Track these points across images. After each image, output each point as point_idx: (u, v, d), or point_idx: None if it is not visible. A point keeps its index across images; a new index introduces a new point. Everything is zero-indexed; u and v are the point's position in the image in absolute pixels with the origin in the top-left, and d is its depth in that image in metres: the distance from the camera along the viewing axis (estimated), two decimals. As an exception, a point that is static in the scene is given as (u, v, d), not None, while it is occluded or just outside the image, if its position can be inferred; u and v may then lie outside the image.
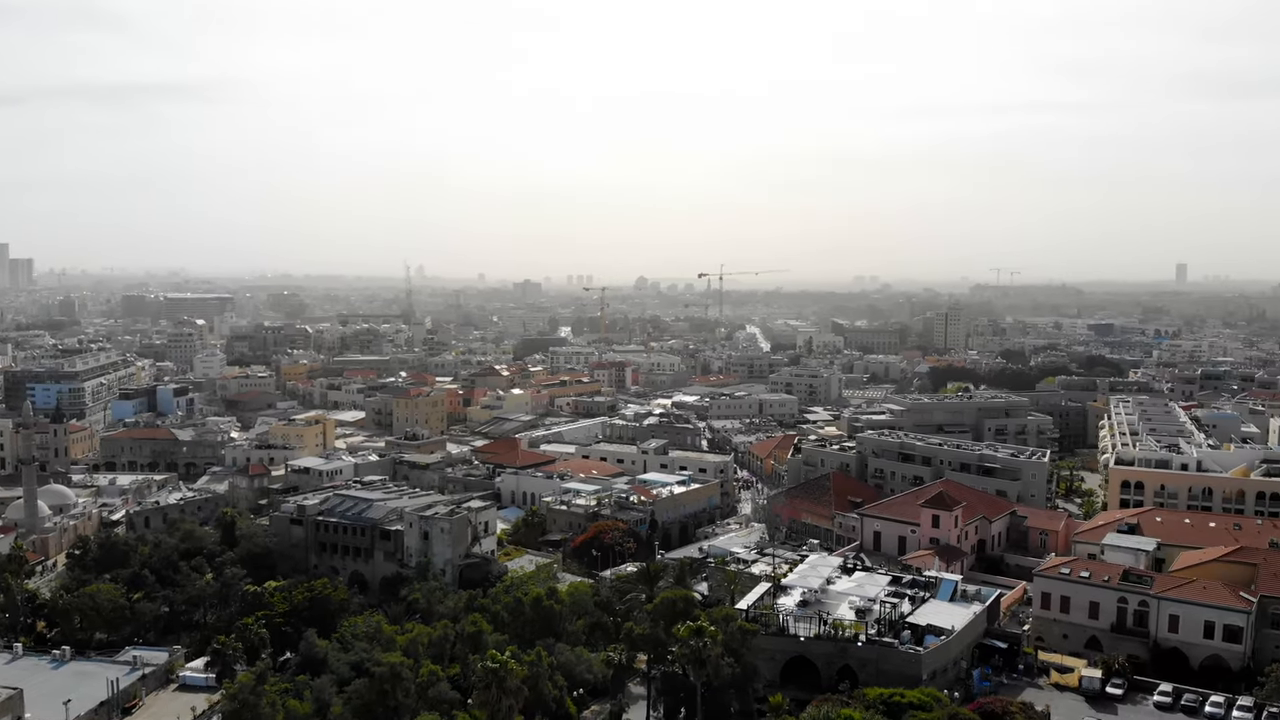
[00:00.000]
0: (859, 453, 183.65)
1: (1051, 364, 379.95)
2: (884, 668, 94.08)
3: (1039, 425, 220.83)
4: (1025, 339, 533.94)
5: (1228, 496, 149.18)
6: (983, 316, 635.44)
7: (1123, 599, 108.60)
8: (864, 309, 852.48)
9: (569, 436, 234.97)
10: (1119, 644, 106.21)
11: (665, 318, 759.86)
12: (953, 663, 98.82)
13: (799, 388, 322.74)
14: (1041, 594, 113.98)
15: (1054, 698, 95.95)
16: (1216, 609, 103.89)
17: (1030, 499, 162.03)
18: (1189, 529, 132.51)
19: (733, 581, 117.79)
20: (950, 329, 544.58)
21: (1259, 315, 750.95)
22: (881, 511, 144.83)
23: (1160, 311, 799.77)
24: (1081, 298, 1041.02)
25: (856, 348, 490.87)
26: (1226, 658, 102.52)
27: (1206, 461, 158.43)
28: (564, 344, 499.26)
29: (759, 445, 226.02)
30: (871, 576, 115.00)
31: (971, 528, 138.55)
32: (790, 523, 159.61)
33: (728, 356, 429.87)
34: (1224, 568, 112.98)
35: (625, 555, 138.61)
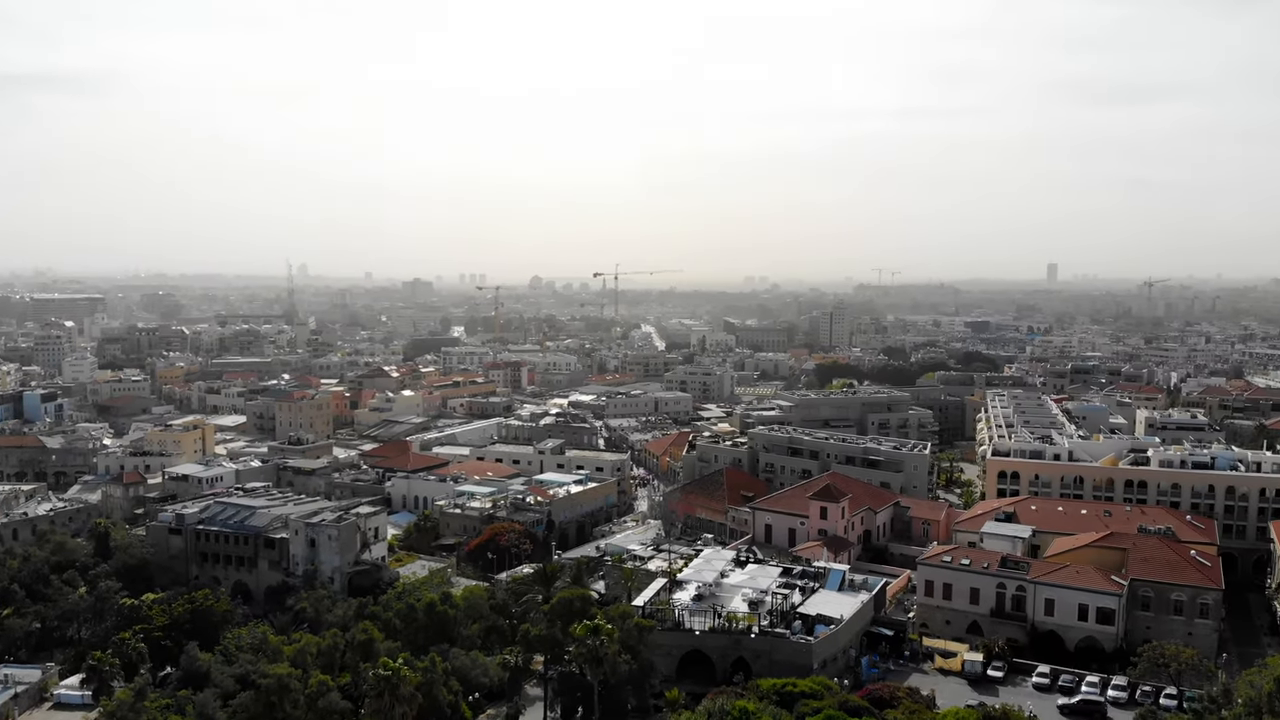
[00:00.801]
0: (751, 448, 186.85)
1: (931, 360, 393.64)
2: (776, 658, 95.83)
3: (920, 419, 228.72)
4: (906, 336, 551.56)
5: (1098, 485, 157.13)
6: (866, 315, 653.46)
7: (1001, 585, 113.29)
8: (754, 308, 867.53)
9: (463, 438, 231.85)
10: (999, 628, 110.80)
11: (561, 317, 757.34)
12: (842, 651, 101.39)
13: (693, 386, 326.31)
14: (925, 582, 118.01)
15: (939, 682, 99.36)
16: (1090, 592, 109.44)
17: (913, 490, 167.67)
18: (1062, 516, 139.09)
19: (629, 579, 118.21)
20: (835, 327, 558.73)
21: (1125, 312, 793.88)
22: (772, 505, 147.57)
23: (1033, 309, 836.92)
24: (959, 296, 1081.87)
25: (747, 346, 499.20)
26: (1100, 639, 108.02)
27: (1077, 452, 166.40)
28: (457, 344, 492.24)
29: (655, 443, 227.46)
30: (764, 569, 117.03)
31: (858, 519, 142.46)
32: (686, 518, 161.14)
33: (624, 355, 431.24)
34: (1096, 553, 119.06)
35: (522, 557, 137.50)
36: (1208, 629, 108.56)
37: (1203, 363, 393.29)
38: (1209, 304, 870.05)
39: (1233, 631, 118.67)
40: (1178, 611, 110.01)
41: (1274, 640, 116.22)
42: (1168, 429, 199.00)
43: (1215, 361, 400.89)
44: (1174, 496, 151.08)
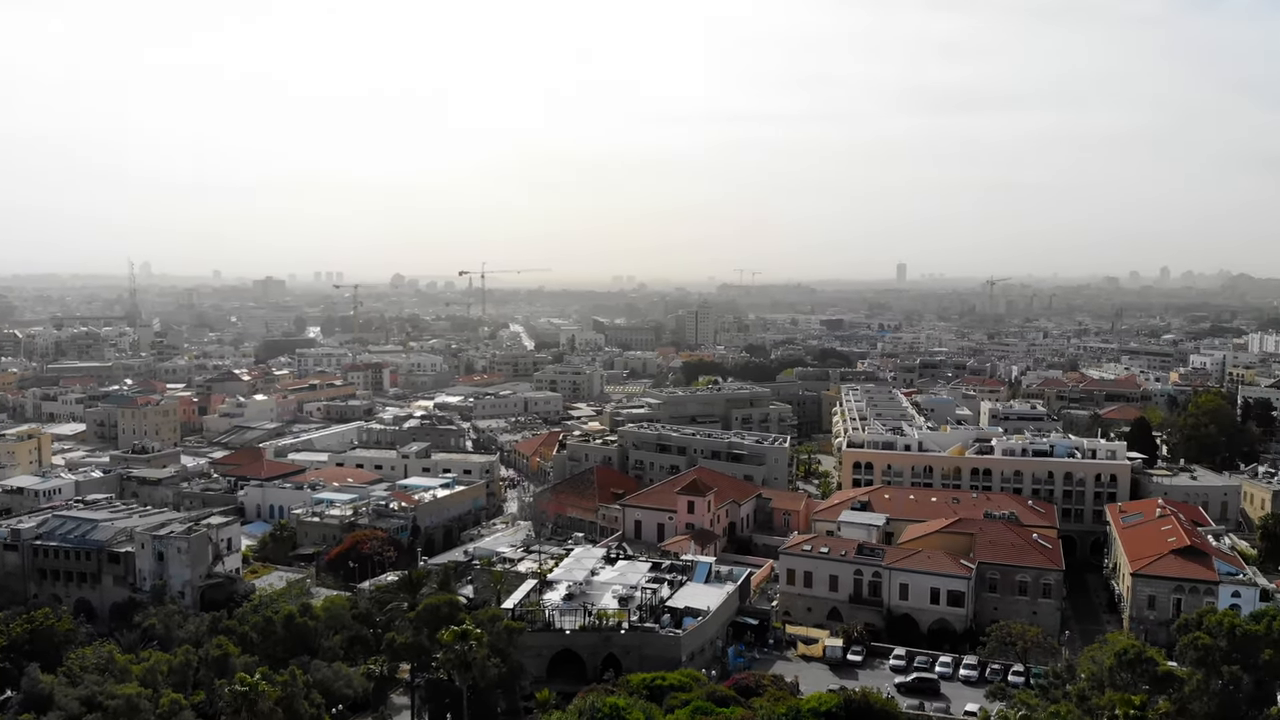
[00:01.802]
0: (620, 446, 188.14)
1: (790, 357, 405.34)
2: (646, 653, 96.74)
3: (780, 413, 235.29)
4: (766, 334, 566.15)
5: (946, 473, 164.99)
6: (729, 314, 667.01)
7: (859, 571, 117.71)
8: (623, 307, 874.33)
9: (321, 444, 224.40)
10: (857, 613, 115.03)
11: (425, 316, 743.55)
12: (709, 642, 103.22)
13: (563, 385, 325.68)
14: (787, 570, 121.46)
15: (801, 668, 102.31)
16: (941, 576, 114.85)
17: (774, 482, 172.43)
18: (914, 504, 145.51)
19: (499, 582, 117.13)
20: (700, 326, 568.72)
21: (969, 310, 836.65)
22: (641, 501, 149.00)
23: (884, 307, 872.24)
24: (815, 296, 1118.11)
25: (616, 345, 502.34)
26: (952, 621, 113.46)
27: (927, 442, 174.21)
28: (313, 345, 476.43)
29: (525, 443, 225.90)
30: (633, 564, 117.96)
31: (723, 511, 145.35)
32: (557, 518, 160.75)
33: (492, 355, 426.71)
34: (945, 538, 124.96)
35: (386, 565, 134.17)
36: (1051, 608, 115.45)
37: (1041, 356, 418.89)
38: (1046, 301, 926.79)
39: (1074, 610, 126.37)
40: (1022, 592, 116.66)
41: (1112, 617, 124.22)
42: (1010, 419, 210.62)
43: (1052, 355, 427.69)
44: (1016, 483, 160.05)
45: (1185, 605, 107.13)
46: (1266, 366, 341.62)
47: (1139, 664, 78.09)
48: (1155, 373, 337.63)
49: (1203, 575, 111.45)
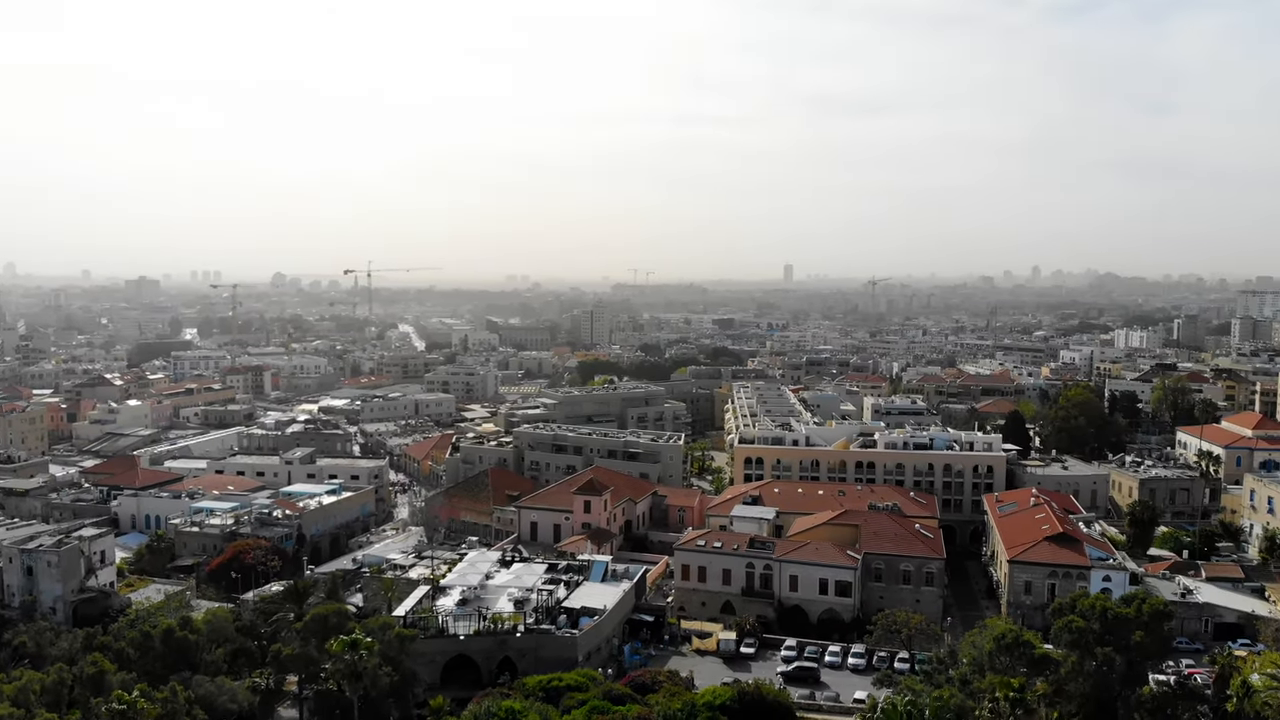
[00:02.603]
0: (516, 447, 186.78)
1: (683, 356, 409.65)
2: (542, 655, 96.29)
3: (674, 411, 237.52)
4: (660, 334, 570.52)
5: (832, 467, 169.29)
6: (624, 314, 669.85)
7: (750, 564, 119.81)
8: (517, 307, 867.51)
9: (199, 450, 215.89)
10: (749, 606, 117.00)
11: (308, 317, 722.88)
12: (606, 641, 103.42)
13: (456, 386, 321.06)
14: (681, 566, 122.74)
15: (696, 662, 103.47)
16: (829, 567, 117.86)
17: (670, 479, 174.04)
18: (802, 497, 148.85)
19: (390, 589, 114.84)
20: (595, 325, 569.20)
21: (853, 309, 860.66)
22: (537, 502, 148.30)
23: (772, 307, 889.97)
24: (707, 296, 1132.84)
25: (511, 345, 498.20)
26: (840, 610, 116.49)
27: (814, 437, 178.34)
28: (190, 348, 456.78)
29: (416, 447, 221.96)
30: (529, 566, 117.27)
31: (619, 510, 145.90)
32: (450, 522, 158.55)
33: (380, 357, 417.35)
34: (832, 530, 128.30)
35: (270, 575, 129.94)
36: (933, 595, 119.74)
37: (920, 354, 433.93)
38: (925, 301, 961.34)
39: (955, 596, 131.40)
40: (906, 581, 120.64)
41: (991, 603, 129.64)
42: (891, 414, 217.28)
43: (931, 352, 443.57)
44: (899, 475, 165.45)
45: (1059, 590, 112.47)
46: (1131, 361, 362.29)
47: (1017, 647, 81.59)
48: (1028, 368, 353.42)
49: (1075, 561, 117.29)
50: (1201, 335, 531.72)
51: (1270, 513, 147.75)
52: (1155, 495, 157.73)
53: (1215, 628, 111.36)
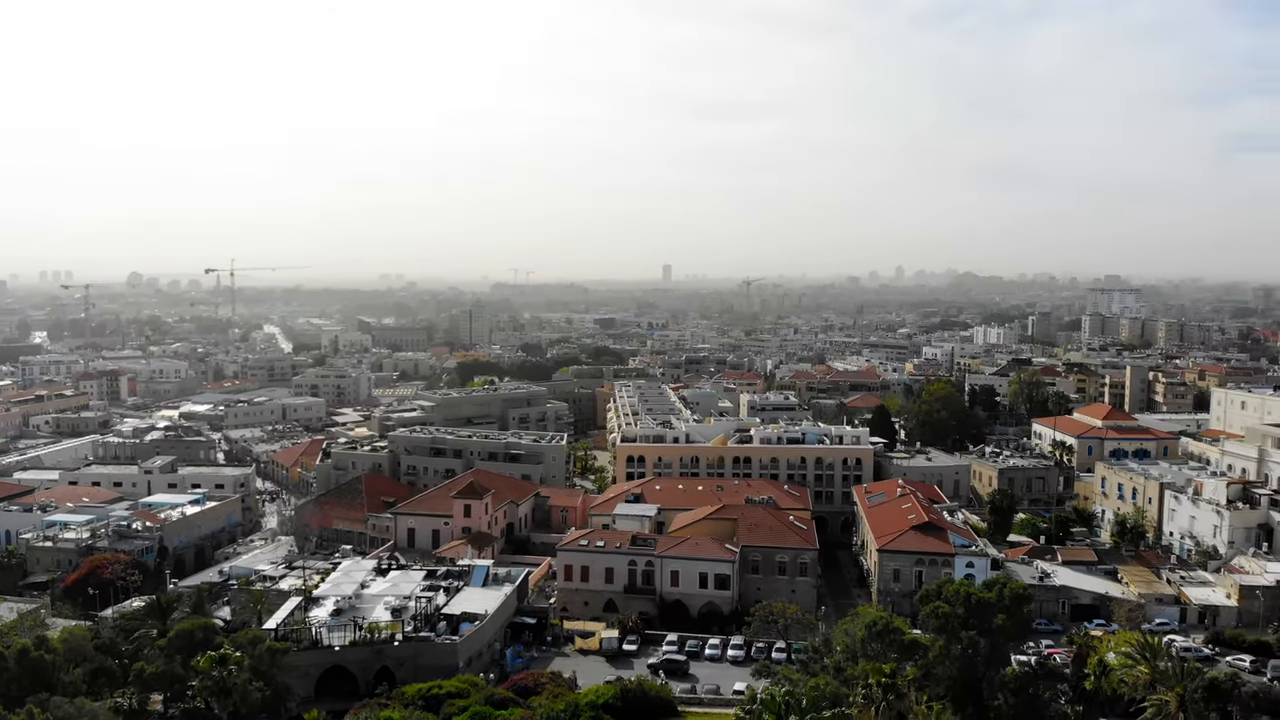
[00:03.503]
0: (391, 452, 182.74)
1: (565, 355, 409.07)
2: (422, 663, 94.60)
3: (557, 412, 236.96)
4: (542, 333, 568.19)
5: (711, 463, 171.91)
6: (504, 313, 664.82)
7: (633, 562, 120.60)
8: (391, 306, 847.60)
9: (51, 460, 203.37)
10: (632, 603, 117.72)
11: (167, 318, 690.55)
12: (488, 645, 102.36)
13: (326, 389, 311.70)
14: (564, 567, 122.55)
15: (579, 662, 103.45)
16: (708, 561, 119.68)
17: (552, 480, 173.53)
18: (682, 494, 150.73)
19: (259, 601, 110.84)
20: (475, 325, 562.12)
21: (728, 308, 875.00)
22: (415, 508, 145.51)
23: (652, 306, 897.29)
24: (588, 295, 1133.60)
25: (385, 346, 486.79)
26: (719, 603, 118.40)
27: (693, 434, 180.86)
28: (39, 352, 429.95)
29: (284, 453, 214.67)
30: (406, 574, 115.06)
31: (501, 513, 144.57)
32: (322, 531, 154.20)
33: (244, 359, 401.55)
34: (712, 525, 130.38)
35: (131, 589, 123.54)
36: (808, 585, 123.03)
37: (793, 351, 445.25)
38: (796, 300, 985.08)
39: (828, 586, 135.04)
40: (782, 572, 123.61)
41: (862, 591, 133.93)
42: (766, 410, 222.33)
43: (803, 350, 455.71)
44: (774, 469, 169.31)
45: (926, 577, 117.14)
46: (989, 356, 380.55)
47: (887, 634, 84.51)
48: (893, 364, 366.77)
49: (940, 548, 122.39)
50: (1054, 331, 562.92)
51: (1120, 498, 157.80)
52: (1013, 484, 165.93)
53: (1072, 609, 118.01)
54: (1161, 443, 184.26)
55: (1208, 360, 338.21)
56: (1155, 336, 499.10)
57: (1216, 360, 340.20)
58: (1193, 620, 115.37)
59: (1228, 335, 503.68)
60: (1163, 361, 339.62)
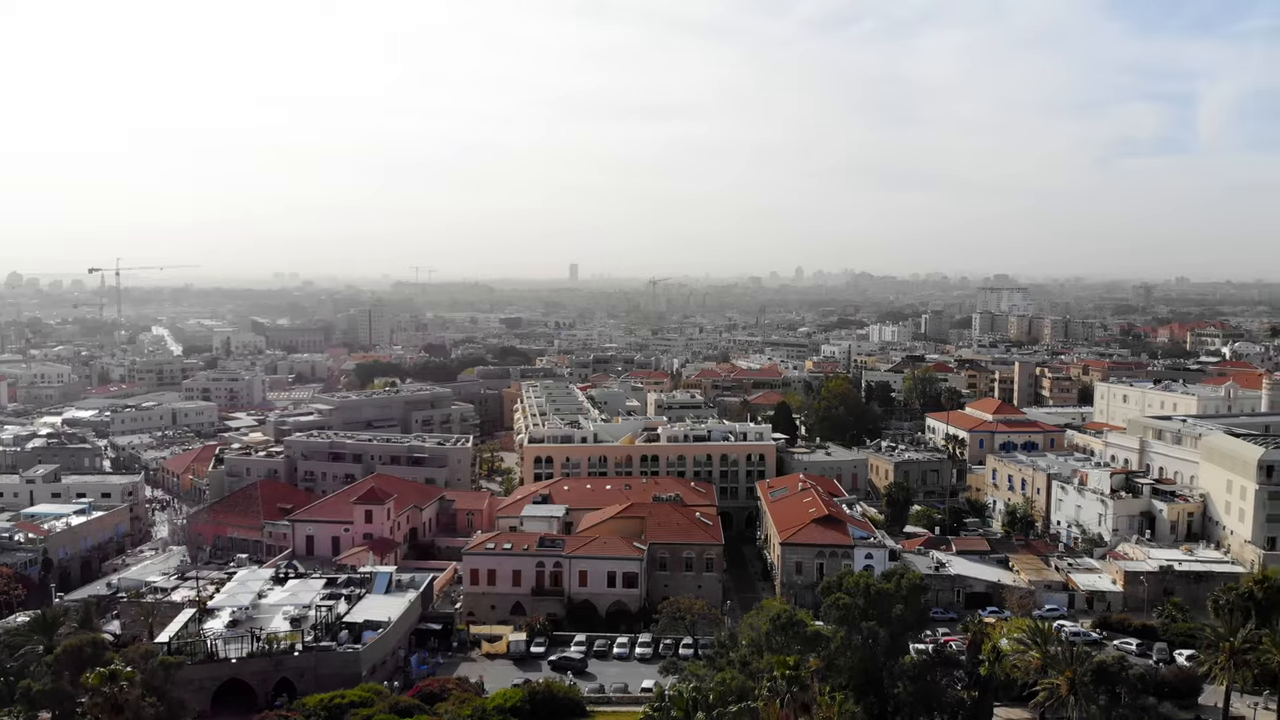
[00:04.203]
0: (288, 457, 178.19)
1: (470, 356, 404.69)
2: (323, 672, 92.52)
3: (462, 413, 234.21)
4: (446, 333, 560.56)
5: (619, 461, 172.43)
6: (405, 313, 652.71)
7: (540, 563, 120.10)
8: (286, 306, 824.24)
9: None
10: (539, 605, 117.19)
11: (49, 320, 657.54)
12: (391, 653, 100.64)
13: (218, 393, 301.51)
14: (470, 571, 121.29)
15: (487, 667, 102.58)
16: (616, 560, 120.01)
17: (458, 483, 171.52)
18: (591, 493, 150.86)
19: (150, 614, 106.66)
20: (375, 325, 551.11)
21: (635, 307, 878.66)
22: (314, 514, 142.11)
23: (559, 305, 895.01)
24: (493, 294, 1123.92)
25: (280, 347, 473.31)
26: (627, 602, 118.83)
27: (601, 434, 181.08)
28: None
29: (174, 460, 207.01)
30: (306, 583, 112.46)
31: (404, 518, 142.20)
32: (216, 540, 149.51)
33: (131, 363, 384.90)
34: (620, 523, 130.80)
35: (14, 604, 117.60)
36: (714, 581, 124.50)
37: (698, 350, 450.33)
38: (701, 300, 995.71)
39: (734, 581, 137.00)
40: (689, 568, 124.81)
41: (766, 584, 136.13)
42: (673, 408, 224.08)
43: (708, 348, 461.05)
44: (680, 467, 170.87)
45: (827, 569, 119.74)
46: (885, 354, 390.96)
47: (791, 626, 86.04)
48: (793, 362, 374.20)
49: (840, 541, 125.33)
50: (946, 329, 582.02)
51: (1010, 489, 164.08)
52: (909, 476, 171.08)
53: (966, 597, 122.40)
54: (1048, 435, 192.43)
55: (1091, 356, 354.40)
56: (1042, 333, 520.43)
57: (1099, 356, 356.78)
58: (1081, 606, 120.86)
59: (1110, 332, 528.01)
60: (1049, 357, 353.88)
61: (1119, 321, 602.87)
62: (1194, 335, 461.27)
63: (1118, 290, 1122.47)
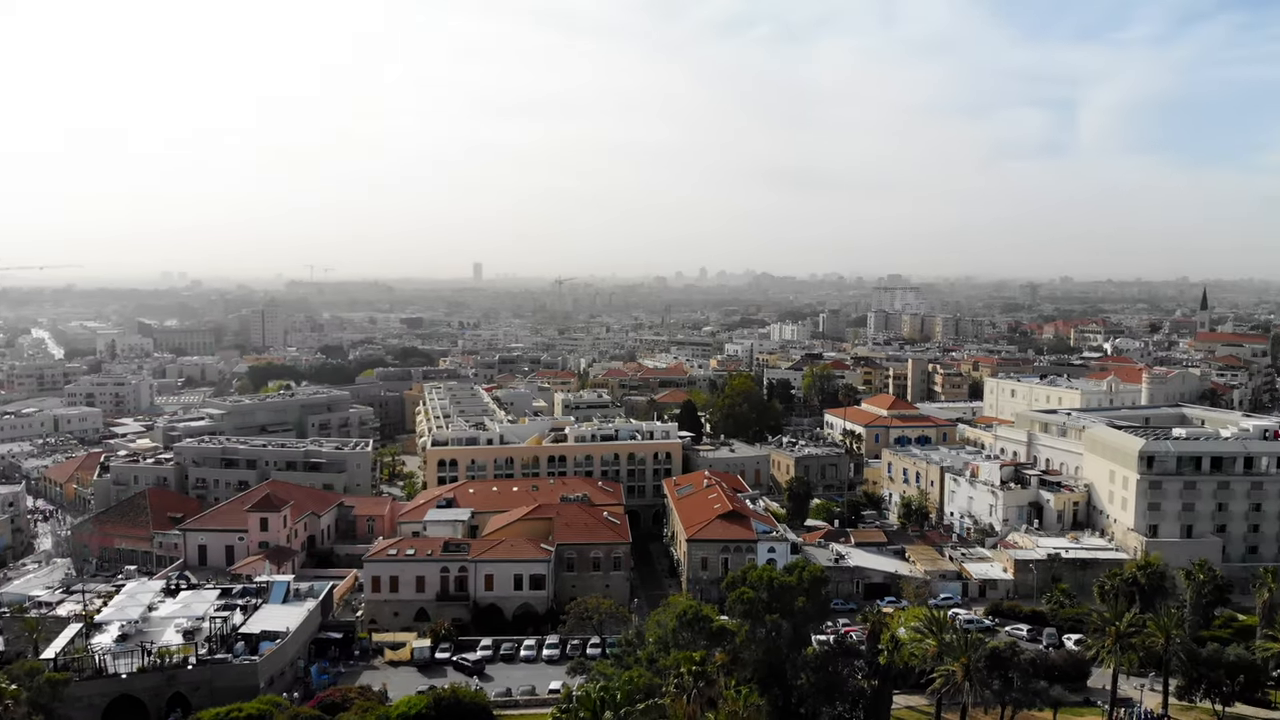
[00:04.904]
0: (178, 464, 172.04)
1: (369, 357, 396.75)
2: (219, 686, 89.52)
3: (361, 416, 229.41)
4: (343, 334, 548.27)
5: (526, 463, 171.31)
6: (300, 313, 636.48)
7: (445, 568, 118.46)
8: (175, 307, 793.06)
9: None
10: (444, 610, 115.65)
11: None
12: (290, 664, 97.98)
13: (103, 398, 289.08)
14: (372, 578, 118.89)
15: (391, 674, 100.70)
16: (523, 563, 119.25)
17: (357, 489, 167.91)
18: (497, 495, 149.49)
19: (35, 630, 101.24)
20: (268, 326, 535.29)
21: (541, 307, 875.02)
22: (206, 523, 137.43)
23: (462, 305, 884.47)
24: (393, 294, 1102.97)
25: (169, 350, 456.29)
26: (534, 604, 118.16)
27: (508, 435, 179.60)
28: None
29: (57, 468, 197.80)
30: (199, 594, 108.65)
31: (301, 525, 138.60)
32: (103, 551, 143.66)
33: (10, 367, 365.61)
34: (527, 525, 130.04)
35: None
36: (621, 579, 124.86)
37: (605, 349, 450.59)
38: (607, 299, 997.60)
39: (641, 578, 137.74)
40: (596, 568, 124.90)
41: (673, 581, 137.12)
42: (580, 408, 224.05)
43: (614, 348, 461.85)
44: (588, 466, 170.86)
45: (732, 564, 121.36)
46: (785, 352, 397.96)
47: (697, 622, 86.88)
48: (698, 360, 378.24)
49: (743, 536, 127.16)
50: (843, 327, 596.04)
51: (906, 482, 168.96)
52: (809, 471, 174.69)
53: (865, 588, 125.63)
54: (941, 429, 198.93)
55: (981, 352, 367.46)
56: (934, 331, 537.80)
57: (988, 352, 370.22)
58: (974, 594, 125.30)
59: (998, 329, 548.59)
60: (940, 354, 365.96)
61: (1007, 319, 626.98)
62: (1077, 332, 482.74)
63: (1005, 289, 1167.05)
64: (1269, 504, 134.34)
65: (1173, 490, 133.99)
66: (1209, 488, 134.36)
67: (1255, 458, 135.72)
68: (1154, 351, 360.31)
